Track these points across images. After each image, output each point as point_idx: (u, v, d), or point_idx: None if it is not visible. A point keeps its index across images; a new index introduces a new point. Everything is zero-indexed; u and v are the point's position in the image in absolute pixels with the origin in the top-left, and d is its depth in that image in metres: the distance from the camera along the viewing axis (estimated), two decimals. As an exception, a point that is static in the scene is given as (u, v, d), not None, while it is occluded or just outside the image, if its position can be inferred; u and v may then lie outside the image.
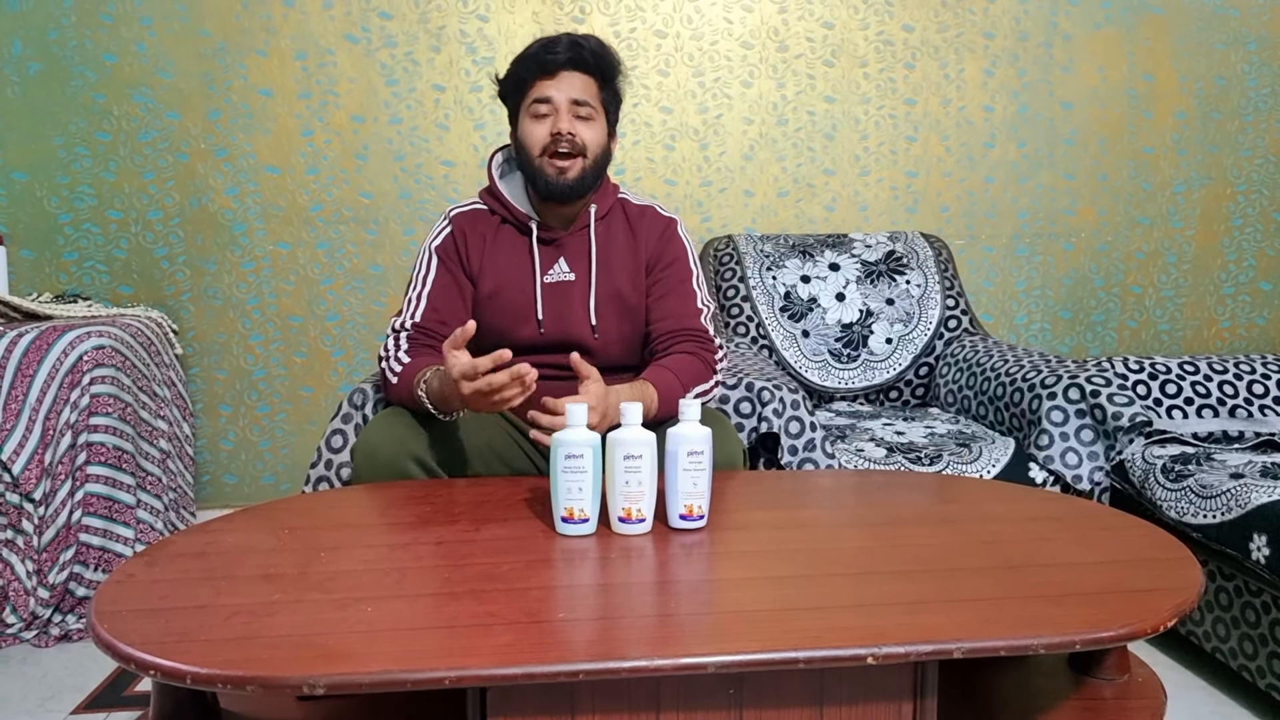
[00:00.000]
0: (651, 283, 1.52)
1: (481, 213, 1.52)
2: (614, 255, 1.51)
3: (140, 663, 0.79)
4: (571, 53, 1.41)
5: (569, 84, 1.42)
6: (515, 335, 1.46)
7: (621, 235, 1.52)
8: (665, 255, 1.52)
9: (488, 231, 1.50)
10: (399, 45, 2.35)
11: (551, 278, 1.49)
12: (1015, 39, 2.49)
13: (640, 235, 1.52)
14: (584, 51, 1.42)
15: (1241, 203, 2.62)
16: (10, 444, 1.82)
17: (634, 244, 1.52)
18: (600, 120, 1.46)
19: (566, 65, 1.42)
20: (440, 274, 1.49)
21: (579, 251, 1.50)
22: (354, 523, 1.19)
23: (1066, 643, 0.85)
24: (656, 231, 1.53)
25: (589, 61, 1.43)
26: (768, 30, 2.44)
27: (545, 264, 1.49)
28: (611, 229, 1.52)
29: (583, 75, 1.43)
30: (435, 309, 1.47)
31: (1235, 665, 1.56)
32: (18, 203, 2.31)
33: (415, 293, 1.50)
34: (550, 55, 1.41)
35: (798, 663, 0.81)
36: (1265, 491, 1.51)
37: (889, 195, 2.53)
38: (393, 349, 1.45)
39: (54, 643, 1.79)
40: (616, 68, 1.48)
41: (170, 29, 2.29)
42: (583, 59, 1.42)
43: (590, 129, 1.44)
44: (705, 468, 1.10)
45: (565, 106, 1.42)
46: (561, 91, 1.42)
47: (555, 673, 0.79)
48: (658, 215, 1.55)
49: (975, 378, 2.07)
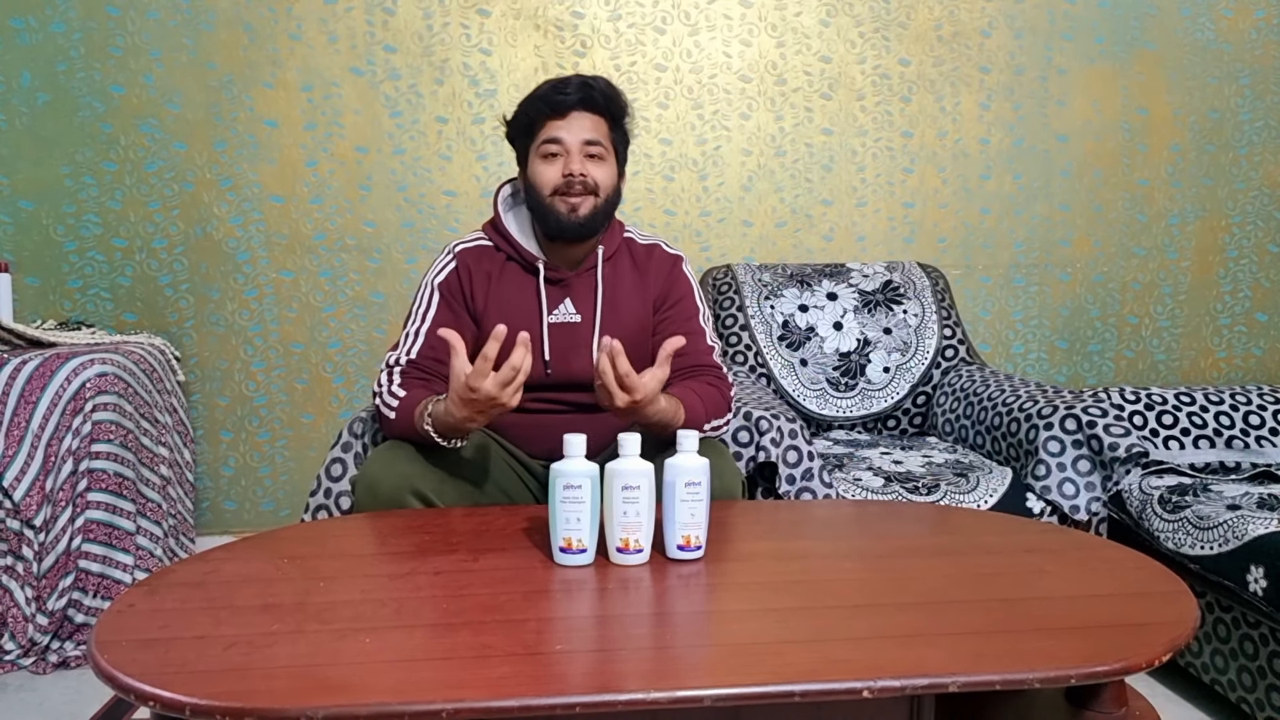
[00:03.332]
0: (659, 320, 1.51)
1: (487, 249, 1.51)
2: (620, 296, 1.50)
3: (140, 694, 0.80)
4: (582, 93, 1.42)
5: (579, 125, 1.43)
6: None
7: (628, 275, 1.52)
8: (673, 293, 1.53)
9: (493, 269, 1.49)
10: (403, 78, 2.39)
11: (557, 318, 1.48)
12: (1011, 73, 2.53)
13: (648, 274, 1.52)
14: (594, 93, 1.43)
15: (1236, 234, 2.64)
16: (12, 470, 1.82)
17: (642, 283, 1.52)
18: (611, 160, 1.47)
19: (577, 105, 1.42)
20: (441, 310, 1.48)
21: (585, 292, 1.49)
22: (353, 552, 1.20)
23: (1062, 676, 0.86)
24: (664, 270, 1.53)
25: (599, 102, 1.44)
26: (766, 64, 2.48)
27: (551, 304, 1.48)
28: (618, 269, 1.52)
29: (593, 115, 1.44)
30: (432, 346, 1.45)
31: (1234, 697, 1.55)
32: (24, 230, 2.34)
33: (414, 328, 1.48)
34: (561, 96, 1.42)
35: (794, 696, 0.81)
36: (1262, 523, 1.52)
37: (886, 226, 2.55)
38: (385, 383, 1.43)
39: (52, 669, 1.78)
40: (625, 109, 1.49)
41: (178, 61, 2.33)
42: (593, 99, 1.43)
43: (602, 169, 1.45)
44: (703, 498, 1.11)
45: (577, 147, 1.43)
46: (572, 133, 1.42)
47: (552, 705, 0.79)
48: (665, 254, 1.56)
49: (972, 407, 2.08)
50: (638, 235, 1.57)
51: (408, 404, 1.38)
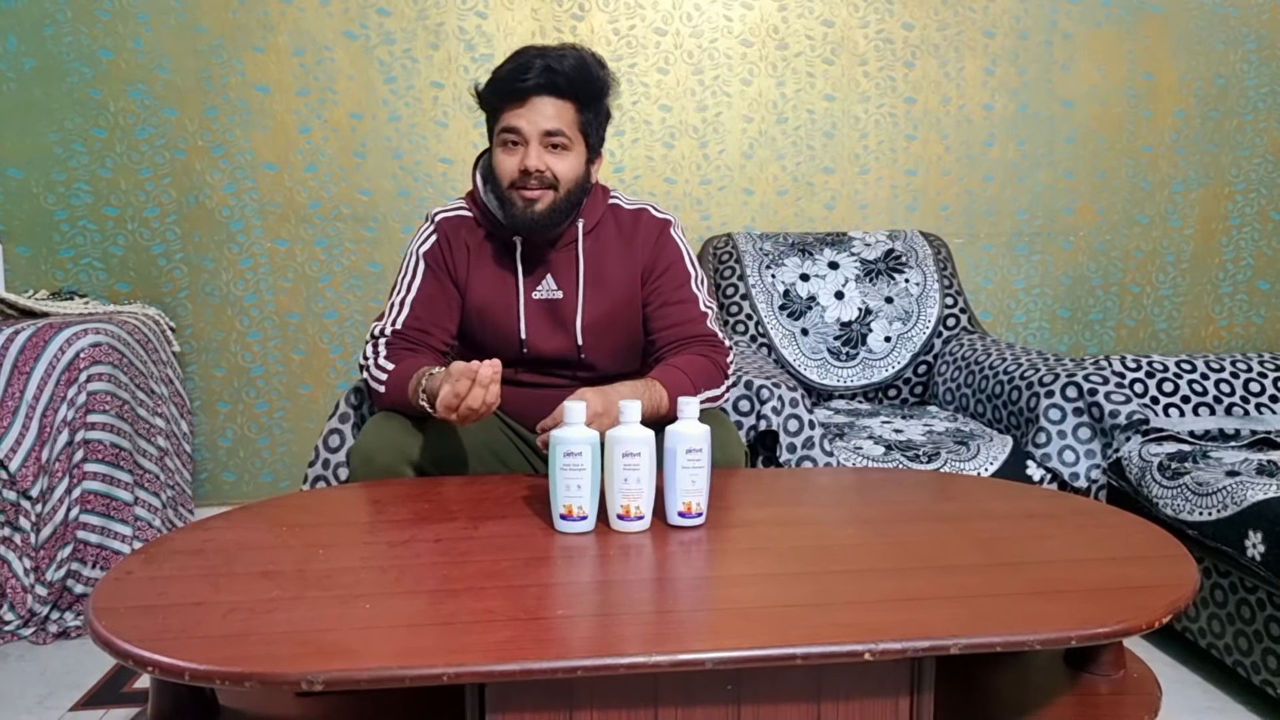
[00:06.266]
0: (650, 291, 1.45)
1: (466, 220, 1.45)
2: (605, 269, 1.44)
3: (138, 659, 0.79)
4: (543, 78, 1.31)
5: (541, 112, 1.33)
6: (500, 350, 1.40)
7: (613, 246, 1.45)
8: (661, 260, 1.45)
9: (472, 241, 1.44)
10: (397, 42, 2.35)
11: (540, 294, 1.43)
12: (1015, 37, 2.49)
13: (634, 242, 1.45)
14: (557, 76, 1.32)
15: (1240, 202, 2.62)
16: (7, 441, 1.81)
17: (628, 253, 1.45)
18: (577, 148, 1.37)
19: (537, 90, 1.32)
20: (426, 280, 1.44)
21: (567, 267, 1.43)
22: (352, 520, 1.20)
23: (1062, 638, 0.86)
24: (651, 237, 1.46)
25: (562, 86, 1.32)
26: (767, 28, 2.44)
27: (532, 281, 1.43)
28: (602, 241, 1.45)
29: (557, 100, 1.33)
30: (418, 316, 1.42)
31: (1230, 661, 1.56)
32: (13, 199, 2.31)
33: (399, 298, 1.44)
34: (520, 82, 1.32)
35: (795, 659, 0.81)
36: (1261, 489, 1.52)
37: (888, 194, 2.53)
38: (372, 356, 1.40)
39: (52, 640, 1.79)
40: (597, 87, 1.37)
41: (166, 24, 2.29)
42: (555, 84, 1.32)
43: (563, 160, 1.35)
44: (704, 465, 1.10)
45: (536, 138, 1.33)
46: (532, 122, 1.33)
47: (554, 669, 0.79)
48: (652, 219, 1.48)
49: (974, 376, 2.08)
50: (624, 201, 1.50)
51: (397, 376, 1.35)
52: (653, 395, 1.30)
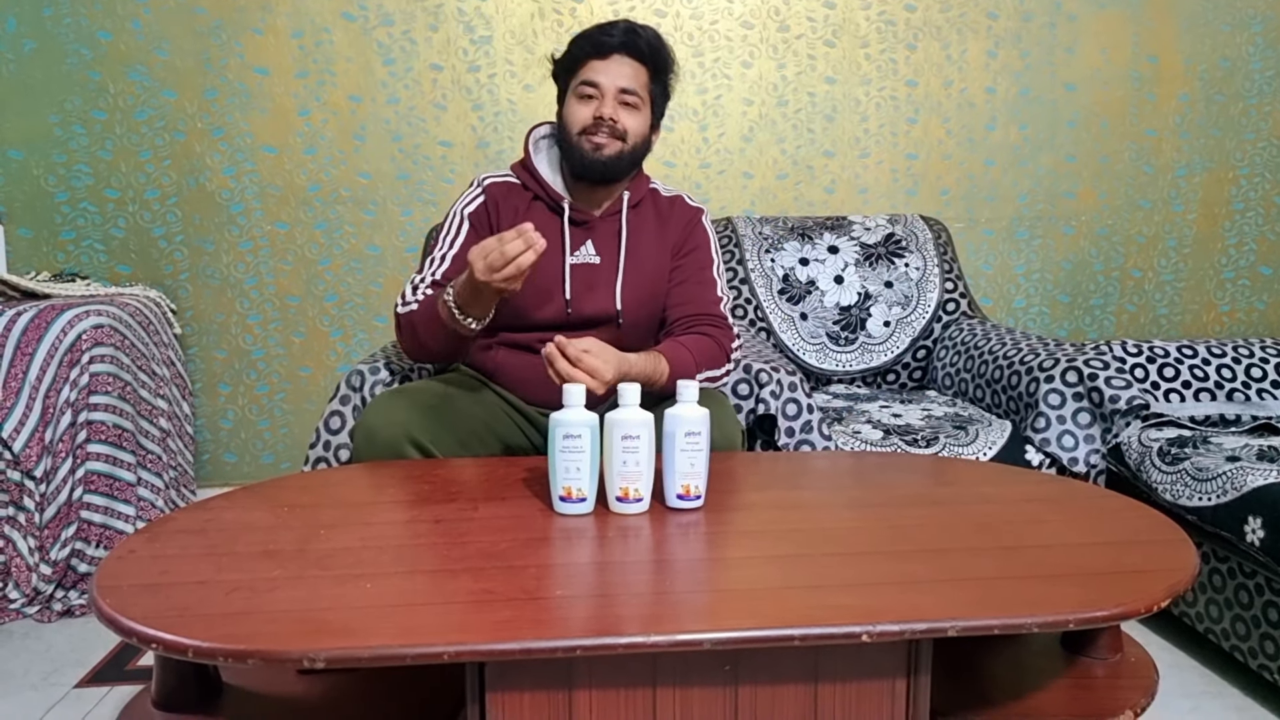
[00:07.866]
0: (674, 267, 1.53)
1: (515, 186, 1.52)
2: (642, 243, 1.52)
3: (142, 636, 0.80)
4: (626, 38, 1.43)
5: (619, 70, 1.43)
6: (539, 313, 1.46)
7: (651, 223, 1.54)
8: (689, 242, 1.54)
9: (520, 204, 1.51)
10: (396, 24, 2.34)
11: (577, 259, 1.49)
12: (1019, 19, 2.47)
13: (669, 223, 1.54)
14: (639, 39, 1.44)
15: (1244, 186, 2.61)
16: (10, 422, 1.82)
17: (662, 231, 1.54)
18: (645, 111, 1.47)
19: (620, 49, 1.43)
20: (470, 238, 1.48)
21: (608, 236, 1.50)
22: (353, 501, 1.20)
23: (1060, 622, 0.86)
24: (684, 220, 1.55)
25: (642, 50, 1.44)
26: (768, 10, 2.42)
27: (574, 245, 1.49)
28: (642, 216, 1.53)
29: (634, 62, 1.44)
30: (459, 270, 1.44)
31: (1227, 646, 1.57)
32: (14, 181, 2.30)
33: (441, 253, 1.49)
34: (606, 37, 1.43)
35: (793, 640, 0.82)
36: (1261, 474, 1.52)
37: (889, 178, 2.52)
38: (409, 295, 1.45)
39: (56, 618, 1.80)
40: (670, 62, 1.49)
41: (165, 6, 2.27)
42: (636, 45, 1.43)
43: (634, 117, 1.45)
44: (703, 448, 1.10)
45: (612, 92, 1.43)
46: (610, 77, 1.43)
47: (553, 648, 0.79)
48: (686, 205, 1.58)
49: (973, 361, 2.07)
50: (663, 189, 1.59)
51: (428, 301, 1.40)
52: (657, 366, 1.35)
